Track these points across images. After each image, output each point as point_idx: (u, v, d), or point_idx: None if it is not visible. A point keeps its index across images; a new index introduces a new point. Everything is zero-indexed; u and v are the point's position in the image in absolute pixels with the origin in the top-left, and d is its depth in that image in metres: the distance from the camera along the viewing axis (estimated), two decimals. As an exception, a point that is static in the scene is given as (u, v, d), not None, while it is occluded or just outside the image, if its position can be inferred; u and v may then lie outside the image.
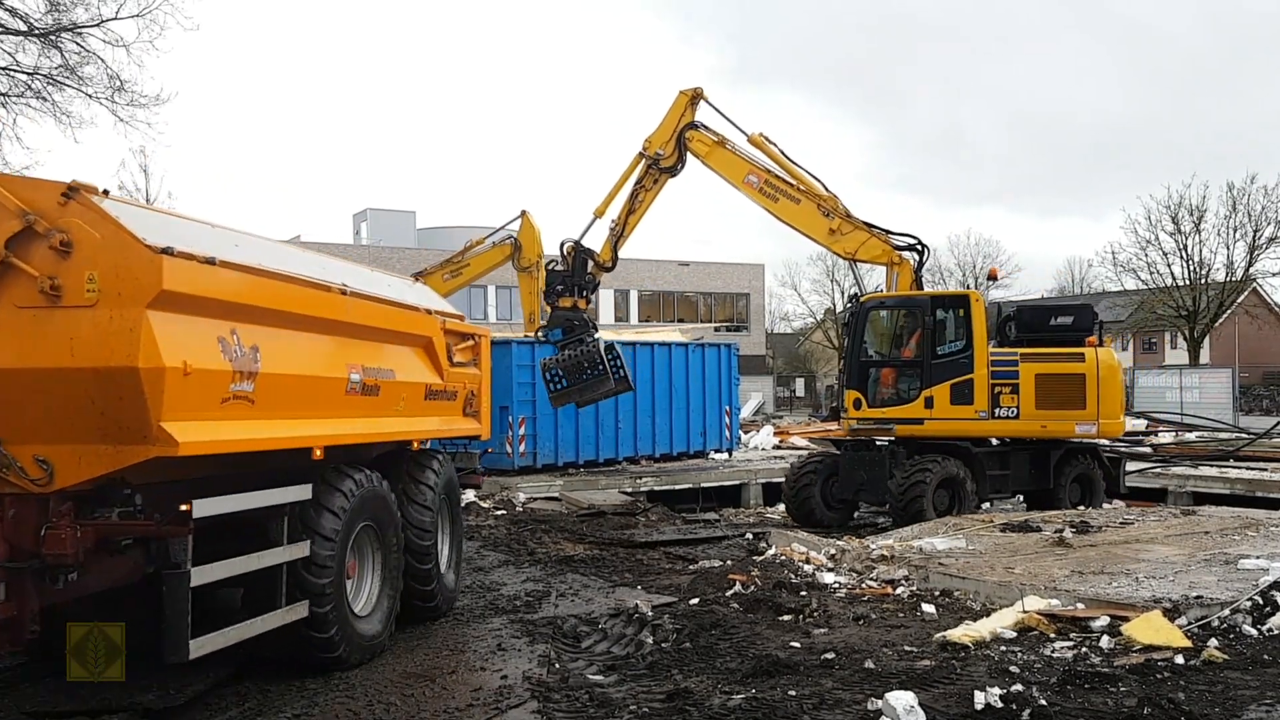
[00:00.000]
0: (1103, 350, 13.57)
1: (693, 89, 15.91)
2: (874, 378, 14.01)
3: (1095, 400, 13.30)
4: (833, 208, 14.72)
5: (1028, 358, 13.49)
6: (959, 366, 13.39)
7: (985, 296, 14.61)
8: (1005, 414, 13.37)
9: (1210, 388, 34.55)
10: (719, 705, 5.81)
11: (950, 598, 8.54)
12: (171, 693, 6.29)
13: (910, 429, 13.56)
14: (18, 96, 21.37)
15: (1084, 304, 14.61)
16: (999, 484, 13.89)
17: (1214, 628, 7.06)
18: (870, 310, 14.20)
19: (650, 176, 15.97)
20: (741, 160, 15.35)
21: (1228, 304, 51.13)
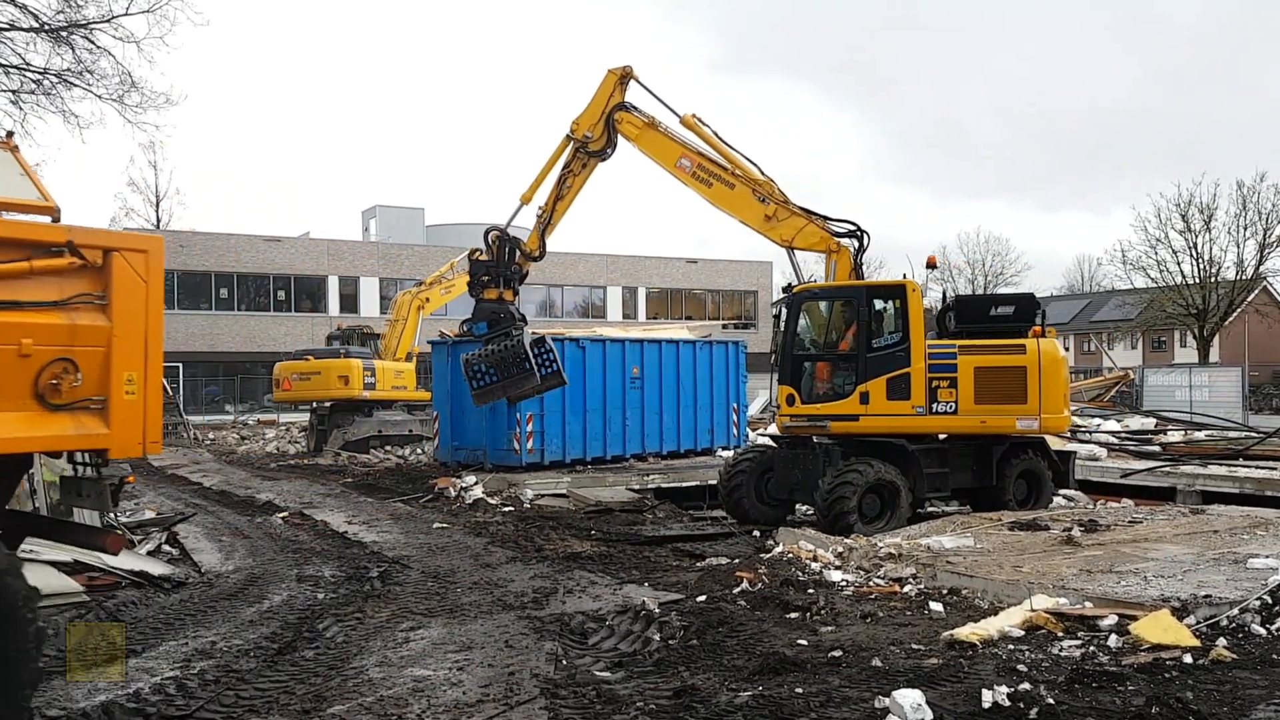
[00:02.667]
0: (1045, 341, 12.90)
1: (622, 68, 15.19)
2: (808, 372, 13.32)
3: (1037, 394, 12.62)
4: (769, 193, 14.11)
5: (966, 350, 12.76)
6: (895, 360, 12.68)
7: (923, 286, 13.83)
8: (943, 409, 12.66)
9: (1220, 386, 34.41)
10: (726, 702, 5.82)
11: (958, 596, 8.53)
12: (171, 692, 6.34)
13: (845, 426, 12.86)
14: (28, 94, 21.46)
15: (1026, 294, 13.71)
16: (938, 482, 13.09)
17: (1223, 627, 7.05)
18: (803, 301, 13.40)
19: (579, 160, 15.42)
20: (673, 143, 14.70)
21: (1237, 302, 51.00)
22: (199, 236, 51.16)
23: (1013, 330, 13.04)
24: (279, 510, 15.46)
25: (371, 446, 25.45)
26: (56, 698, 6.40)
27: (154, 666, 7.10)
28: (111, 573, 9.67)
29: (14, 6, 20.70)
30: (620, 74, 15.25)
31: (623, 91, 15.20)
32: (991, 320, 13.17)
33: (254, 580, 10.17)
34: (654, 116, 14.97)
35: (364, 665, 7.04)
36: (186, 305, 49.53)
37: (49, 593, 8.82)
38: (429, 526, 13.71)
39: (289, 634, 7.94)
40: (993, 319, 13.18)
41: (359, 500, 16.77)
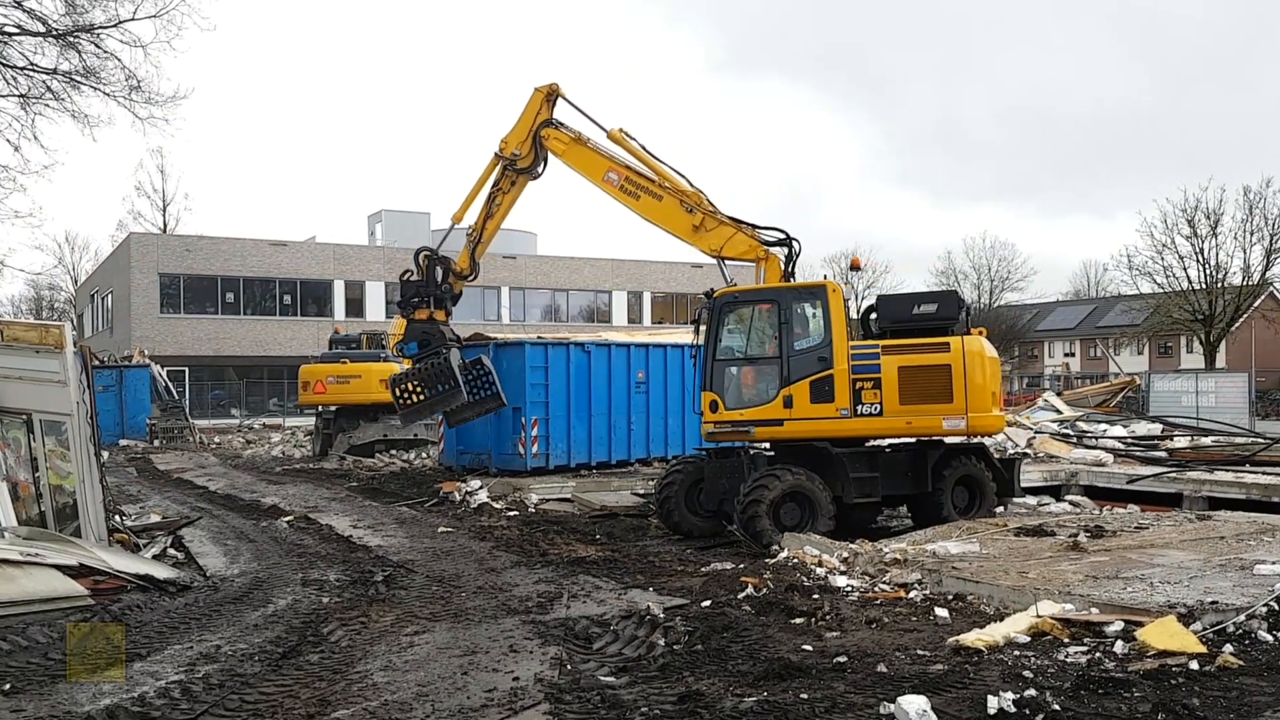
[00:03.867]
0: (970, 338, 12.38)
1: (548, 85, 15.31)
2: (730, 377, 12.96)
3: (963, 392, 12.12)
4: (696, 203, 14.05)
5: (889, 349, 12.34)
6: (818, 362, 12.33)
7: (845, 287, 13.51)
8: (868, 411, 12.23)
9: (1226, 392, 34.34)
10: (730, 708, 5.81)
11: (963, 602, 8.51)
12: (176, 696, 6.35)
13: (769, 431, 12.54)
14: (36, 98, 21.53)
15: (948, 290, 13.25)
16: (868, 488, 12.51)
17: (1229, 633, 7.02)
18: (725, 305, 12.99)
19: (507, 179, 15.49)
20: (600, 157, 14.74)
21: (1244, 308, 50.94)
22: (205, 241, 51.29)
23: (936, 328, 12.57)
24: (284, 514, 15.47)
25: (377, 450, 25.46)
26: (61, 701, 6.41)
27: (159, 670, 7.10)
28: (117, 576, 9.69)
29: (20, 11, 20.78)
30: (547, 91, 15.36)
31: (550, 108, 15.29)
32: (914, 319, 12.75)
33: (259, 584, 10.18)
34: (580, 132, 15.00)
35: (368, 669, 7.04)
36: (192, 309, 49.66)
37: (53, 596, 8.85)
38: (434, 531, 13.71)
39: (294, 638, 7.94)
40: (915, 317, 12.76)
41: (364, 504, 16.78)
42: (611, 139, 14.81)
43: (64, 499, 10.75)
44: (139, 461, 27.37)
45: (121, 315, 50.48)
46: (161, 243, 51.54)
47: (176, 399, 38.42)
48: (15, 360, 10.73)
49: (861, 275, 72.62)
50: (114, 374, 35.01)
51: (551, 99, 15.34)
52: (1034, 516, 13.87)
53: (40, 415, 10.72)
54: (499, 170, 15.52)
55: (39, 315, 77.08)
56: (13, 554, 9.12)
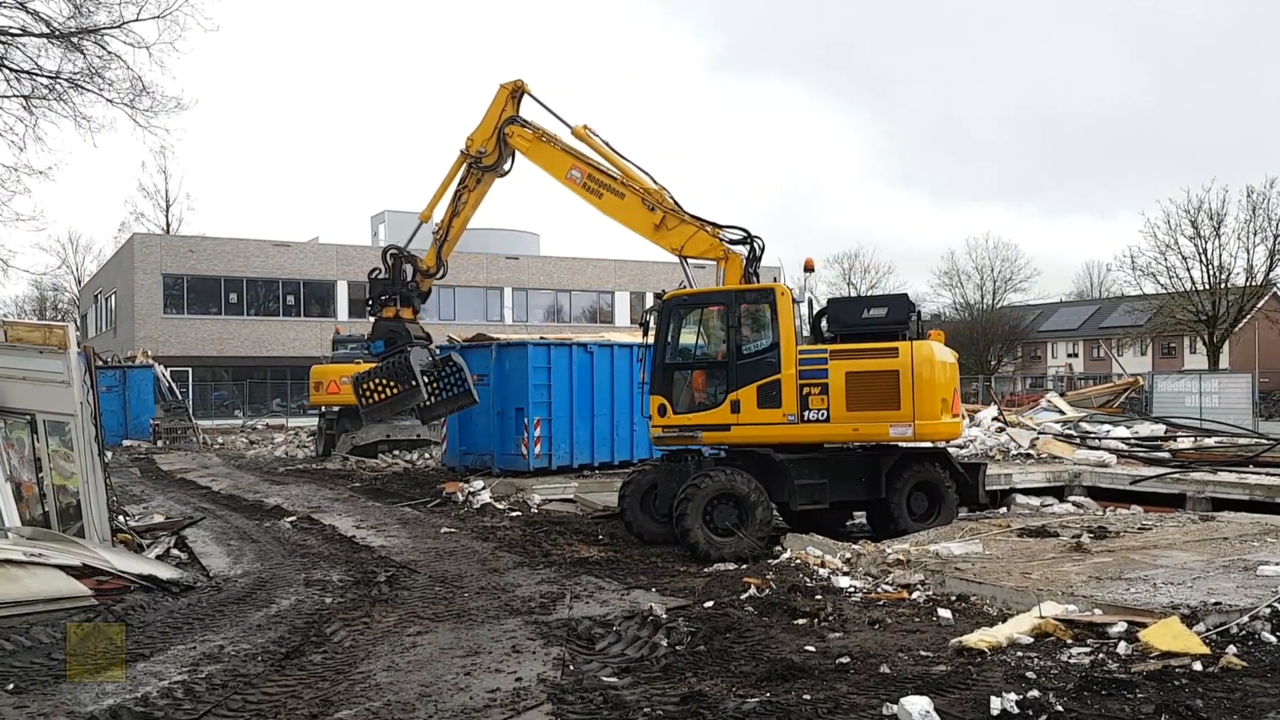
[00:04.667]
0: (920, 344, 11.98)
1: (513, 81, 15.17)
2: (679, 381, 12.77)
3: (910, 399, 11.75)
4: (658, 201, 13.88)
5: (837, 355, 12.01)
6: (766, 367, 12.10)
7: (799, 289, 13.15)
8: (815, 417, 11.92)
9: (1230, 393, 34.28)
10: (733, 709, 5.81)
11: (966, 602, 8.50)
12: (179, 696, 6.35)
13: (717, 436, 12.36)
14: (40, 99, 21.58)
15: (899, 294, 12.73)
16: (816, 494, 12.21)
17: (1233, 634, 7.01)
18: (673, 308, 12.80)
19: (473, 176, 15.40)
20: (564, 155, 14.62)
21: (1247, 309, 50.87)
22: (208, 241, 51.35)
23: (885, 333, 12.26)
24: (287, 515, 15.49)
25: (380, 451, 25.47)
26: (64, 701, 6.42)
27: (162, 670, 7.11)
28: (120, 577, 9.70)
29: (25, 12, 20.82)
30: (512, 88, 15.25)
31: (515, 105, 15.20)
32: (864, 323, 12.45)
33: (262, 585, 10.19)
34: (544, 129, 14.89)
35: (371, 670, 7.05)
36: (196, 310, 49.71)
37: (57, 596, 8.86)
38: (436, 531, 13.72)
39: (297, 638, 7.95)
40: (865, 321, 12.46)
41: (367, 505, 16.79)
42: (576, 135, 14.67)
43: (67, 499, 10.76)
44: (142, 462, 27.39)
45: (125, 316, 50.55)
46: (165, 243, 51.59)
47: (180, 399, 38.45)
48: (19, 361, 10.75)
49: (866, 277, 72.96)
50: (117, 374, 35.05)
51: (517, 95, 15.26)
52: (1037, 517, 13.87)
53: (44, 416, 10.74)
54: (465, 168, 15.49)
55: (43, 316, 77.22)
56: (16, 554, 9.13)
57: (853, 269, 74.06)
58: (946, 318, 75.46)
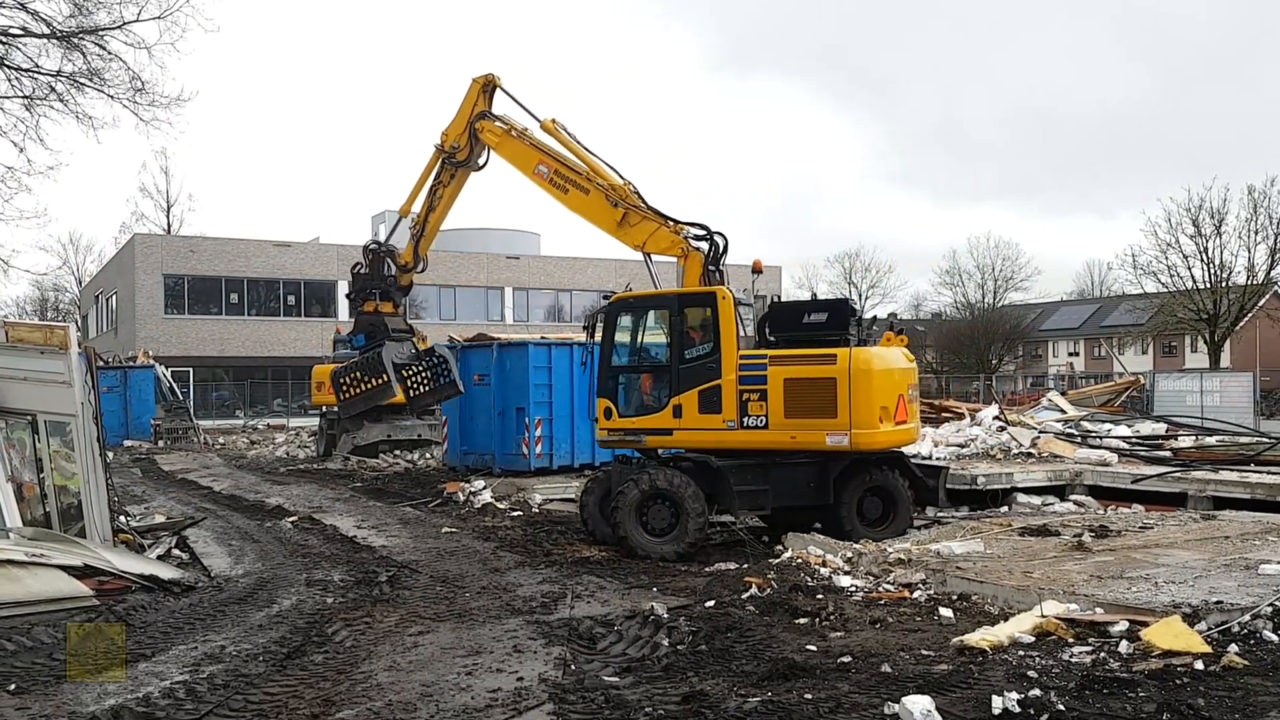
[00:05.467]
0: (859, 350, 11.67)
1: (485, 75, 15.03)
2: (624, 384, 12.72)
3: (846, 407, 11.45)
4: (622, 197, 13.80)
5: (777, 360, 11.79)
6: (707, 371, 11.96)
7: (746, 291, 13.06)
8: (754, 423, 11.75)
9: (1231, 391, 34.26)
10: (735, 708, 5.81)
11: (968, 602, 8.50)
12: (180, 696, 6.35)
13: (659, 440, 12.28)
14: (41, 99, 21.57)
15: (839, 299, 12.45)
16: (759, 500, 12.07)
17: (1234, 633, 7.01)
18: (619, 310, 12.74)
19: (447, 171, 15.36)
20: (532, 150, 14.53)
21: (1249, 307, 50.87)
22: (209, 241, 51.37)
23: (826, 339, 12.00)
24: (288, 515, 15.48)
25: (380, 451, 25.46)
26: (66, 701, 6.43)
27: (163, 671, 7.11)
28: (121, 577, 9.70)
29: (25, 13, 20.82)
30: (484, 82, 15.14)
31: (487, 100, 15.12)
32: (805, 328, 12.22)
33: (263, 585, 10.19)
34: (513, 123, 14.79)
35: (373, 670, 7.05)
36: (197, 310, 49.73)
37: (58, 597, 8.86)
38: (437, 531, 13.72)
39: (298, 638, 7.95)
40: (806, 327, 12.23)
41: (368, 505, 16.78)
42: (544, 129, 14.58)
43: (69, 500, 10.76)
44: (143, 462, 27.40)
45: (126, 316, 50.56)
46: (166, 244, 51.61)
47: (181, 399, 38.47)
48: (20, 361, 10.75)
49: (867, 276, 72.92)
50: (118, 375, 35.06)
51: (489, 90, 15.20)
52: (1038, 516, 13.86)
53: (45, 416, 10.74)
54: (440, 163, 15.47)
55: (44, 316, 77.23)
56: (18, 554, 9.14)
57: (853, 269, 74.08)
58: (948, 317, 75.53)
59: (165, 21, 21.42)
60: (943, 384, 56.91)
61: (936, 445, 19.82)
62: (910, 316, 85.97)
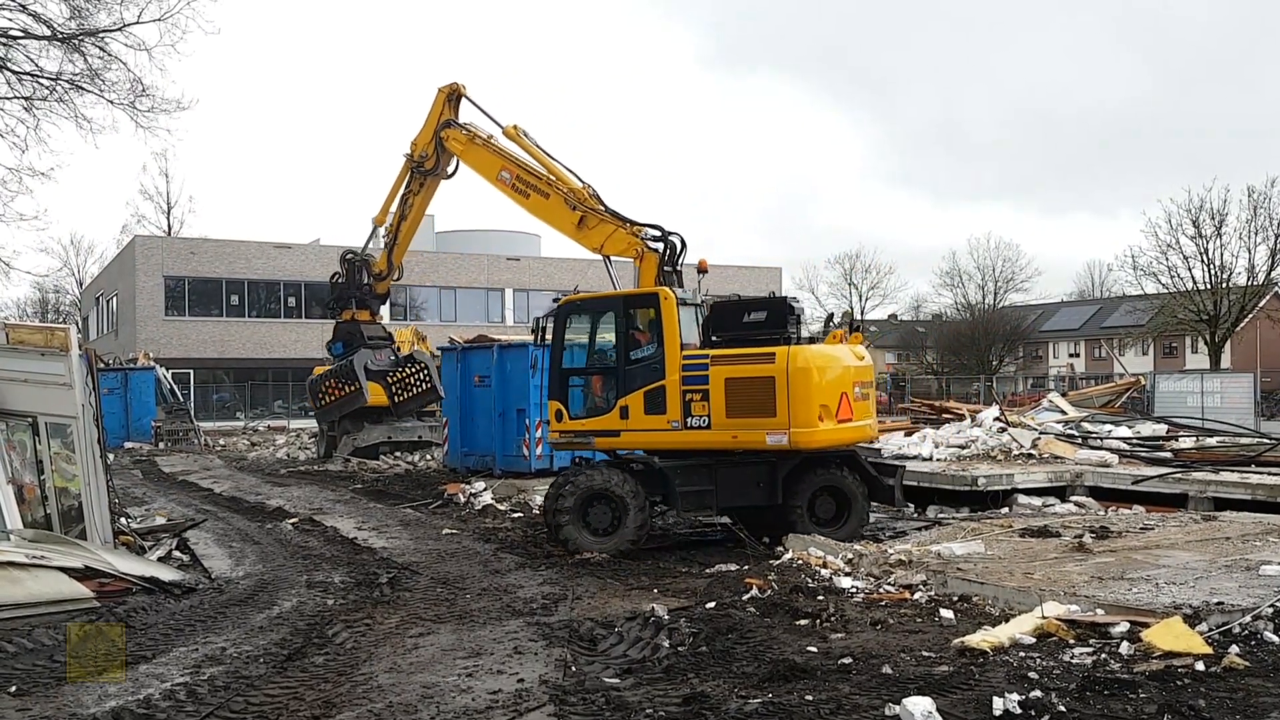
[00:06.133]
0: (798, 349, 11.52)
1: (450, 85, 15.33)
2: (572, 386, 12.71)
3: (785, 406, 11.36)
4: (580, 200, 13.89)
5: (718, 360, 11.74)
6: (652, 372, 11.96)
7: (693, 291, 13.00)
8: (697, 423, 11.71)
9: (1231, 392, 34.26)
10: (735, 710, 5.81)
11: (969, 603, 8.50)
12: (181, 698, 6.36)
13: (608, 441, 12.34)
14: (41, 101, 21.59)
15: (778, 298, 12.39)
16: (705, 500, 12.01)
17: (1235, 634, 7.01)
18: (567, 313, 12.79)
19: (416, 180, 15.60)
20: (494, 157, 14.71)
21: (1249, 308, 50.85)
22: (210, 243, 51.36)
23: (765, 338, 11.92)
24: (289, 516, 15.49)
25: (381, 452, 25.43)
26: (66, 703, 6.43)
27: (164, 672, 7.11)
28: (122, 579, 9.70)
29: (25, 14, 20.83)
30: (449, 91, 15.35)
31: (452, 109, 15.33)
32: (745, 327, 12.14)
33: (264, 586, 10.20)
34: (476, 131, 15.02)
35: (373, 671, 7.05)
36: (197, 312, 49.73)
37: (59, 599, 8.86)
38: (438, 532, 13.72)
39: (299, 640, 7.95)
40: (746, 326, 12.15)
41: (368, 506, 16.79)
42: (507, 135, 14.77)
43: (69, 501, 10.77)
44: (144, 464, 27.40)
45: (126, 318, 50.56)
46: (166, 245, 51.61)
47: (181, 401, 38.46)
48: (21, 363, 10.75)
49: (868, 277, 72.90)
50: (119, 377, 35.07)
51: (454, 99, 15.41)
52: (1039, 517, 13.85)
53: (46, 418, 10.74)
54: (410, 173, 15.64)
55: (44, 318, 77.26)
56: (18, 556, 9.14)
57: (854, 270, 74.07)
58: (948, 318, 75.51)
59: (165, 24, 21.44)
60: (943, 385, 56.96)
61: (937, 446, 19.80)
62: (910, 317, 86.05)
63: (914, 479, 17.20)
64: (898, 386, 58.49)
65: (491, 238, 56.08)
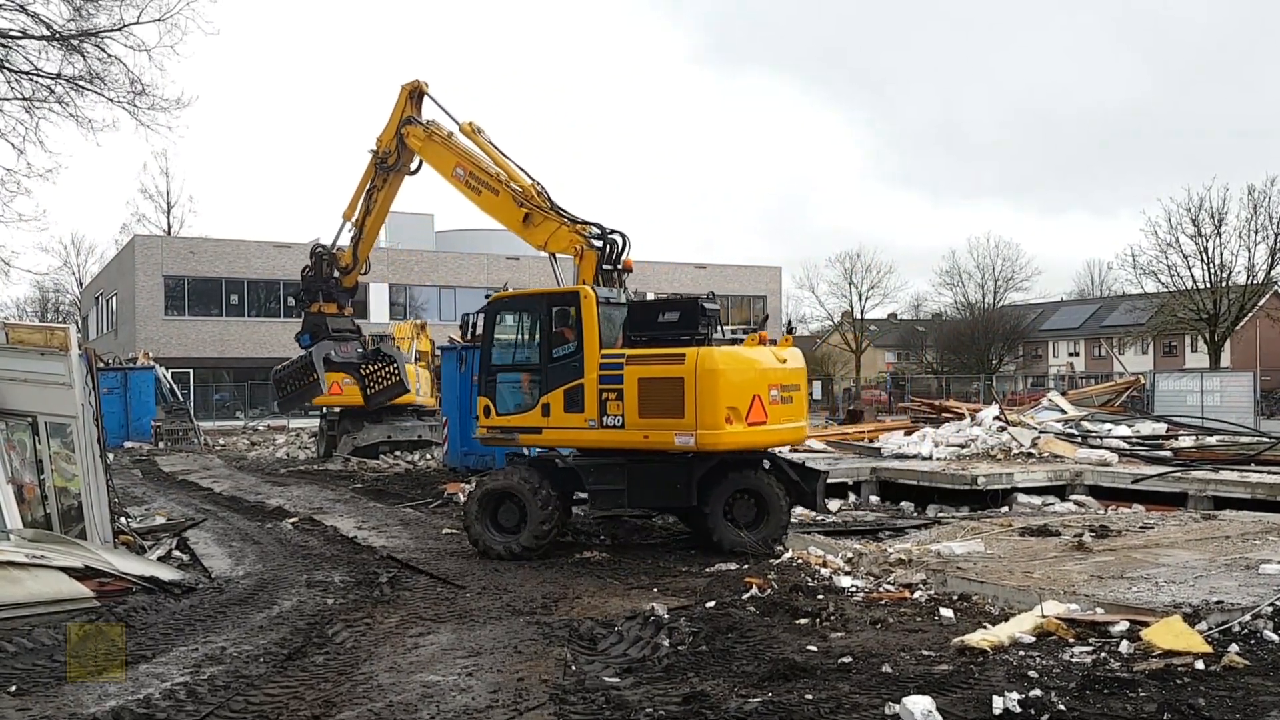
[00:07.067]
0: (706, 350, 11.45)
1: (412, 82, 15.52)
2: (499, 383, 12.76)
3: (693, 407, 11.30)
4: (528, 198, 14.09)
5: (633, 360, 11.74)
6: (571, 371, 12.04)
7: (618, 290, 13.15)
8: (612, 422, 11.72)
9: (1231, 391, 34.25)
10: (735, 709, 5.81)
11: (968, 602, 8.50)
12: (181, 698, 6.36)
13: (530, 438, 12.48)
14: (40, 101, 21.58)
15: (690, 298, 12.30)
16: (615, 500, 12.07)
17: (1235, 633, 7.01)
18: (496, 310, 12.92)
19: (380, 176, 15.84)
20: (450, 153, 14.94)
21: (1249, 307, 50.85)
22: (210, 243, 51.35)
23: (678, 338, 11.85)
24: (289, 516, 15.49)
25: (381, 452, 25.45)
26: (66, 703, 6.43)
27: (164, 672, 7.11)
28: (122, 578, 9.70)
29: (25, 15, 20.83)
30: (411, 88, 15.63)
31: (414, 106, 15.55)
32: (659, 327, 12.10)
33: (264, 586, 10.20)
34: (435, 128, 15.23)
35: (373, 671, 7.05)
36: (197, 311, 49.72)
37: (59, 598, 8.86)
38: (438, 532, 13.72)
39: (299, 639, 7.95)
40: (660, 326, 12.11)
41: (369, 505, 16.79)
42: (463, 132, 14.95)
43: (69, 501, 10.76)
44: (144, 464, 27.40)
45: (126, 317, 50.54)
46: (166, 245, 51.59)
47: (181, 401, 38.45)
48: (20, 363, 10.75)
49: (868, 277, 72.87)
50: (119, 376, 35.04)
51: (416, 96, 15.62)
52: (1039, 516, 13.86)
53: (45, 417, 10.74)
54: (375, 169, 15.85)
55: (44, 317, 77.24)
56: (18, 556, 9.14)
57: (854, 269, 73.98)
58: (948, 317, 75.51)
59: (165, 24, 21.44)
60: (943, 384, 56.94)
61: (937, 445, 19.82)
62: (910, 316, 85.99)
63: (914, 478, 17.24)
64: (898, 386, 58.51)
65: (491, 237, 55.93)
